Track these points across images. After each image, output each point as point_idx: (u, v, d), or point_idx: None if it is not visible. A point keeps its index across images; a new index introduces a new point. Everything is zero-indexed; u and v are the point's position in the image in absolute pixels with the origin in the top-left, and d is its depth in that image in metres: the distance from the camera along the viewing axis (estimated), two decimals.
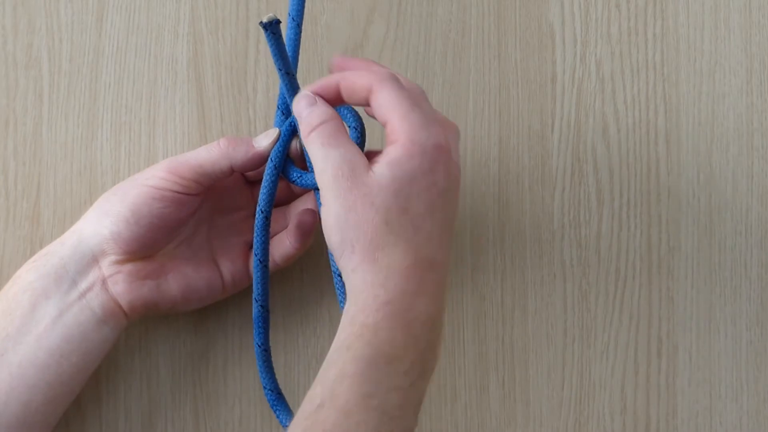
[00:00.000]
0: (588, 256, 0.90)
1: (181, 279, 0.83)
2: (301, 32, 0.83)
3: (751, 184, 0.91)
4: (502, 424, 0.90)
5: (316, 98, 0.81)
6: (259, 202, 0.82)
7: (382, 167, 0.79)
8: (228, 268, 0.85)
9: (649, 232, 0.91)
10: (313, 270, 0.88)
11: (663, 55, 0.91)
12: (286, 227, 0.86)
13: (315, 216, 0.83)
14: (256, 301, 0.83)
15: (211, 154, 0.81)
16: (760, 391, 0.91)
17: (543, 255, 0.90)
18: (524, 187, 0.90)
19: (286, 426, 0.78)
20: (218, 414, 0.88)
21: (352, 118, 0.81)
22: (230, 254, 0.85)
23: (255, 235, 0.82)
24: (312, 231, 0.84)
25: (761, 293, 0.91)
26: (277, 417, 0.84)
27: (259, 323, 0.83)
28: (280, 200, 0.86)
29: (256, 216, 0.82)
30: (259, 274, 0.83)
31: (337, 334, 0.77)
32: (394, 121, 0.79)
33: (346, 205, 0.78)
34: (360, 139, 0.80)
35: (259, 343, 0.84)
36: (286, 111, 0.83)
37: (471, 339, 0.90)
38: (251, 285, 0.86)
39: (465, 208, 0.90)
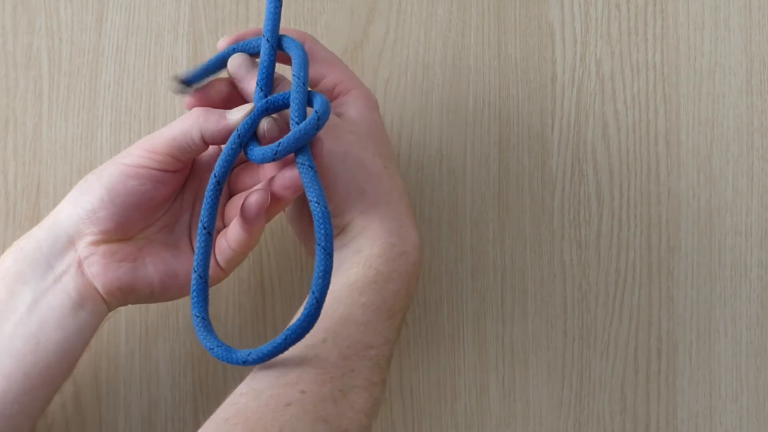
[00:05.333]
0: (588, 256, 0.90)
1: (160, 264, 0.81)
2: (275, 54, 0.80)
3: (751, 184, 0.91)
4: (502, 424, 0.90)
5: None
6: (215, 167, 0.77)
7: (353, 117, 0.81)
8: None
9: (649, 232, 0.91)
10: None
11: (663, 55, 0.91)
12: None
13: (265, 197, 0.78)
14: (195, 271, 0.77)
15: (182, 124, 0.79)
16: (760, 391, 0.91)
17: (543, 255, 0.90)
18: (524, 187, 0.90)
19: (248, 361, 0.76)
20: None
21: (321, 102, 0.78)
22: None
23: (204, 201, 0.77)
24: (261, 214, 0.78)
25: (761, 293, 0.91)
26: (237, 362, 0.76)
27: (196, 294, 0.77)
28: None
29: (209, 181, 0.77)
30: (202, 242, 0.77)
31: (342, 265, 0.78)
32: (338, 73, 0.83)
33: (343, 148, 0.79)
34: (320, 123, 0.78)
35: (197, 313, 0.77)
36: (265, 88, 0.79)
37: (471, 339, 0.90)
38: (256, 287, 0.86)
39: (465, 208, 0.90)
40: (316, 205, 0.75)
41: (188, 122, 0.79)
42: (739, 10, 0.91)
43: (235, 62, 0.81)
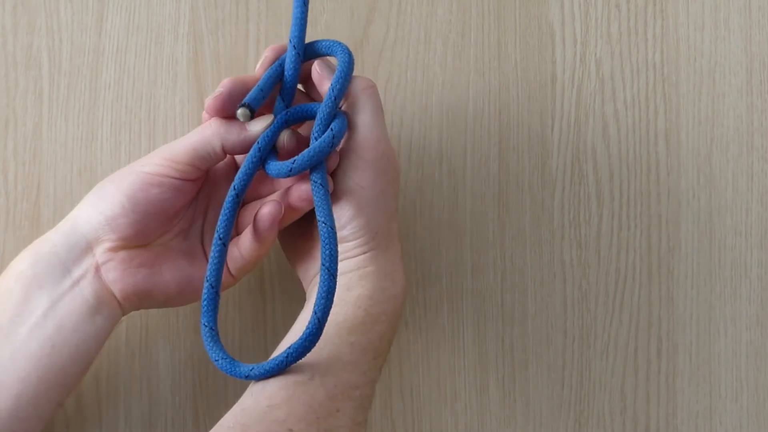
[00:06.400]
0: (588, 256, 0.91)
1: (176, 270, 0.81)
2: (301, 62, 0.82)
3: (751, 184, 0.91)
4: (502, 424, 0.90)
5: None
6: (234, 180, 0.79)
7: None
8: None
9: (649, 232, 0.91)
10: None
11: (663, 55, 0.91)
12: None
13: (279, 209, 0.79)
14: (207, 281, 0.78)
15: (203, 134, 0.80)
16: (760, 391, 0.91)
17: (543, 255, 0.90)
18: (524, 187, 0.90)
19: (247, 375, 0.76)
20: (218, 414, 0.88)
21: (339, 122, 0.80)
22: None
23: (222, 213, 0.78)
24: (274, 225, 0.79)
25: (761, 293, 0.91)
26: (240, 376, 0.77)
27: (207, 303, 0.77)
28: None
29: (228, 193, 0.78)
30: (216, 252, 0.78)
31: (335, 304, 0.78)
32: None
33: (383, 186, 0.80)
34: (334, 141, 0.79)
35: (205, 323, 0.77)
36: (287, 98, 0.81)
37: (471, 339, 0.90)
38: (257, 289, 0.86)
39: (465, 208, 0.90)
40: (323, 225, 0.76)
41: (209, 132, 0.80)
42: (739, 10, 0.91)
43: (324, 63, 0.81)
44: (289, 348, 0.74)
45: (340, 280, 0.79)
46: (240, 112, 0.78)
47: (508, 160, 0.90)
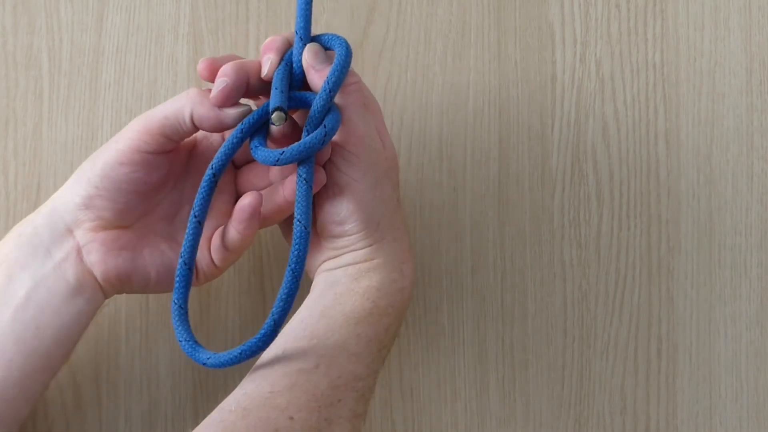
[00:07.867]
0: (588, 256, 0.91)
1: (157, 254, 0.81)
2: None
3: (751, 184, 0.91)
4: (502, 424, 0.90)
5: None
6: (213, 159, 0.78)
7: (383, 138, 0.81)
8: (203, 252, 0.81)
9: (649, 232, 0.91)
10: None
11: (663, 55, 0.91)
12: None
13: (259, 199, 0.79)
14: (181, 257, 0.78)
15: (176, 103, 0.79)
16: (760, 391, 0.91)
17: (543, 255, 0.90)
18: (524, 187, 0.90)
19: (210, 362, 0.77)
20: None
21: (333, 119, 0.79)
22: (206, 238, 0.81)
23: (198, 191, 0.78)
24: (255, 215, 0.79)
25: (761, 293, 0.91)
26: (198, 361, 0.77)
27: (179, 281, 0.78)
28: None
29: (206, 172, 0.78)
30: (191, 230, 0.78)
31: (336, 287, 0.78)
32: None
33: (376, 178, 0.79)
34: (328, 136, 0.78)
35: (175, 300, 0.78)
36: (285, 91, 0.80)
37: (471, 339, 0.90)
38: (257, 288, 0.86)
39: (465, 208, 0.90)
40: (298, 223, 0.76)
41: (181, 101, 0.79)
42: (739, 10, 0.91)
43: (313, 50, 0.80)
44: (243, 345, 0.75)
45: (349, 270, 0.79)
46: (275, 116, 0.77)
47: (508, 160, 0.90)
